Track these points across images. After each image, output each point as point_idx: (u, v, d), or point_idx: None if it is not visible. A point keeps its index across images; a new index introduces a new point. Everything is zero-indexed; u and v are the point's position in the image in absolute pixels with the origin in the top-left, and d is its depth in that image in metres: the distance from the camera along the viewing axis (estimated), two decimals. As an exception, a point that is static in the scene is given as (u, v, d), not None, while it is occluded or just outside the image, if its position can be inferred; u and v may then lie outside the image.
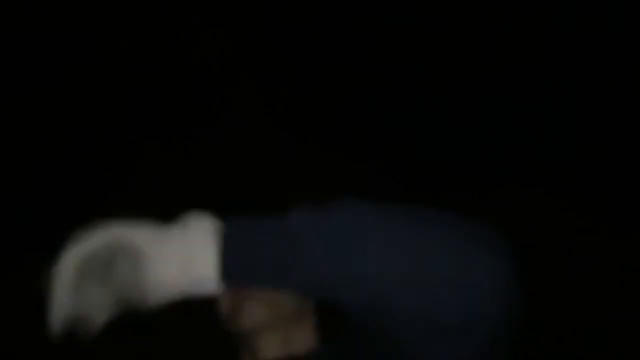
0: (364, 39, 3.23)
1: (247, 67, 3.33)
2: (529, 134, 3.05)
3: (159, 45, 3.20)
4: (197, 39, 3.31)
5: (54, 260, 0.77)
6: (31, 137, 2.96)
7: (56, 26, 3.10)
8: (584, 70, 3.03)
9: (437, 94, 3.13)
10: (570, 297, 2.45)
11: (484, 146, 3.01)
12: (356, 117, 3.13)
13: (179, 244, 0.75)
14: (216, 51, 3.33)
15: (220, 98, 3.22)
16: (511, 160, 2.96)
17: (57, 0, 3.09)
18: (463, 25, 3.19)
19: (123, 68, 3.15)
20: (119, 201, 2.74)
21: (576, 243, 2.66)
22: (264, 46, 3.30)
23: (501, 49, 3.15)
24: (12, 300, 2.44)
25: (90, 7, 3.12)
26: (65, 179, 2.84)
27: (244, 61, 3.33)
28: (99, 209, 2.84)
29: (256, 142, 3.08)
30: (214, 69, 3.28)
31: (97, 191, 2.83)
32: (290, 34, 3.26)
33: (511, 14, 3.14)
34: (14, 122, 2.97)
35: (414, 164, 2.97)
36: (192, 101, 3.18)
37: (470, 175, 2.92)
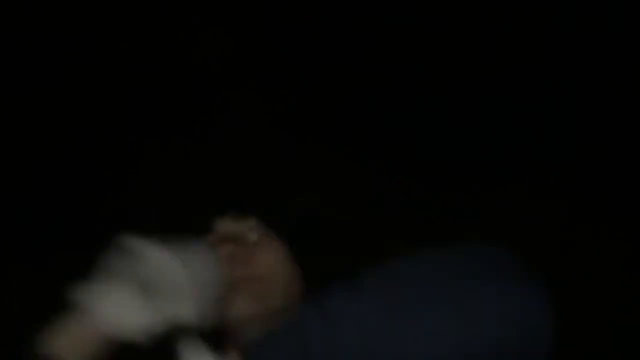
0: (364, 39, 3.23)
1: (247, 67, 3.33)
2: (529, 134, 3.05)
3: (159, 45, 3.20)
4: (197, 39, 3.31)
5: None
6: (31, 137, 2.96)
7: (56, 26, 3.10)
8: (584, 70, 3.03)
9: (437, 94, 3.13)
10: (570, 297, 2.45)
11: (484, 146, 3.00)
12: (356, 117, 3.13)
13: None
14: (216, 51, 3.33)
15: (220, 98, 3.22)
16: (511, 160, 2.96)
17: (57, 0, 3.09)
18: (463, 25, 3.19)
19: (123, 68, 3.15)
20: (119, 201, 2.75)
21: (576, 243, 2.66)
22: (264, 46, 3.30)
23: (501, 49, 3.15)
24: (12, 299, 2.44)
25: (90, 7, 3.12)
26: (65, 179, 2.84)
27: (244, 61, 3.33)
28: (99, 209, 2.85)
29: (256, 142, 3.08)
30: (214, 69, 3.28)
31: (97, 191, 2.83)
32: (290, 34, 3.26)
33: (511, 14, 3.14)
34: (14, 122, 2.97)
35: (414, 164, 2.97)
36: (192, 101, 3.18)
37: (470, 175, 2.91)
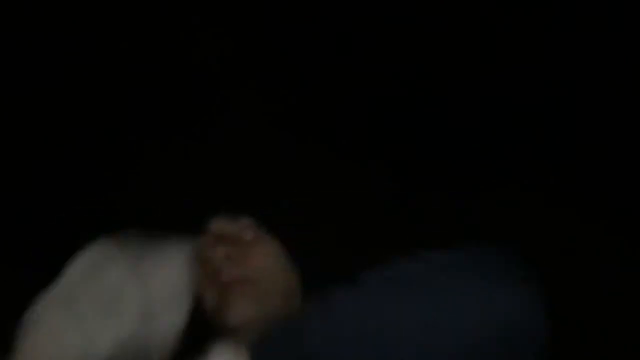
0: (364, 39, 3.23)
1: (247, 67, 3.32)
2: (530, 135, 3.05)
3: (159, 45, 3.20)
4: (197, 39, 3.31)
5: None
6: (31, 137, 2.96)
7: (56, 26, 3.10)
8: (584, 70, 3.03)
9: (437, 94, 3.13)
10: (570, 298, 2.45)
11: (484, 146, 3.00)
12: (356, 117, 3.13)
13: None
14: (216, 51, 3.33)
15: (220, 98, 3.22)
16: (512, 160, 2.96)
17: (57, 0, 3.09)
18: (463, 25, 3.19)
19: (123, 68, 3.15)
20: (118, 201, 2.74)
21: (576, 243, 2.66)
22: (264, 46, 3.30)
23: (501, 49, 3.15)
24: (12, 300, 2.44)
25: (90, 7, 3.12)
26: (65, 179, 2.83)
27: (244, 61, 3.33)
28: (98, 208, 2.85)
29: (256, 142, 3.07)
30: (213, 69, 3.28)
31: (97, 191, 2.83)
32: (290, 34, 3.26)
33: (511, 14, 3.14)
34: (14, 122, 2.96)
35: (414, 164, 2.96)
36: (192, 101, 3.18)
37: (470, 175, 2.91)
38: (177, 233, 1.06)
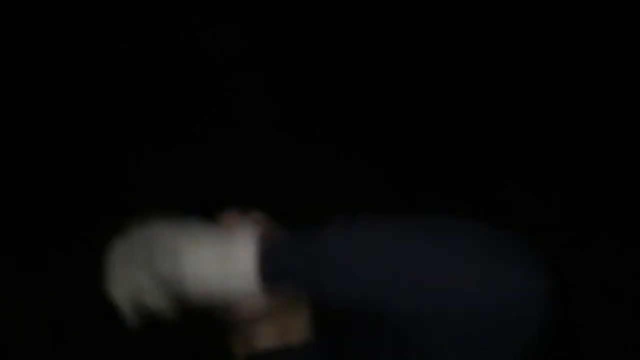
0: (364, 39, 3.23)
1: (248, 67, 3.33)
2: (530, 135, 3.05)
3: (160, 46, 3.21)
4: (197, 39, 3.31)
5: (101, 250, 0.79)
6: (31, 137, 2.96)
7: (56, 26, 3.10)
8: (584, 71, 3.03)
9: (437, 94, 3.13)
10: (570, 298, 2.45)
11: (484, 146, 3.00)
12: (356, 117, 3.13)
13: (219, 244, 0.78)
14: (217, 51, 3.33)
15: (221, 98, 3.22)
16: (512, 160, 2.96)
17: (57, 0, 3.09)
18: (463, 25, 3.19)
19: (124, 68, 3.16)
20: (118, 201, 2.74)
21: (575, 244, 2.66)
22: (265, 47, 3.30)
23: (501, 49, 3.15)
24: (13, 296, 2.45)
25: (90, 7, 3.12)
26: (65, 179, 2.84)
27: (244, 61, 3.33)
28: (98, 208, 2.85)
29: (256, 142, 3.08)
30: (214, 70, 3.29)
31: (97, 191, 2.83)
32: (291, 34, 3.26)
33: (511, 14, 3.14)
34: (14, 122, 2.97)
35: (414, 163, 2.97)
36: (192, 101, 3.18)
37: (470, 175, 2.92)
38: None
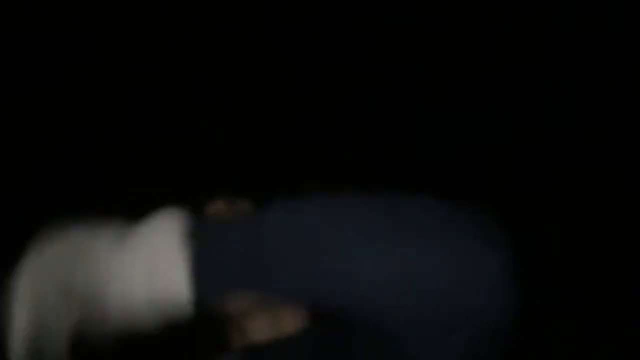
0: (364, 39, 3.23)
1: (248, 67, 3.33)
2: (529, 135, 3.05)
3: (160, 46, 3.21)
4: (197, 39, 3.31)
5: (10, 271, 0.70)
6: (31, 137, 2.96)
7: (56, 26, 3.10)
8: (584, 71, 3.03)
9: (437, 94, 3.13)
10: (567, 298, 2.45)
11: (484, 146, 3.01)
12: (356, 117, 3.14)
13: (145, 248, 0.69)
14: (217, 51, 3.33)
15: (221, 98, 3.22)
16: (511, 161, 2.96)
17: (57, 0, 3.09)
18: (463, 25, 3.19)
19: (123, 68, 3.16)
20: (118, 201, 2.74)
21: (574, 245, 2.66)
22: (265, 46, 3.30)
23: (501, 49, 3.15)
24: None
25: (90, 7, 3.12)
26: (65, 179, 2.84)
27: (244, 61, 3.33)
28: (98, 208, 2.84)
29: (256, 142, 3.08)
30: (214, 69, 3.29)
31: (97, 191, 2.83)
32: (291, 34, 3.26)
33: (511, 14, 3.14)
34: (14, 122, 2.97)
35: (414, 163, 2.97)
36: (192, 101, 3.18)
37: (469, 175, 2.92)
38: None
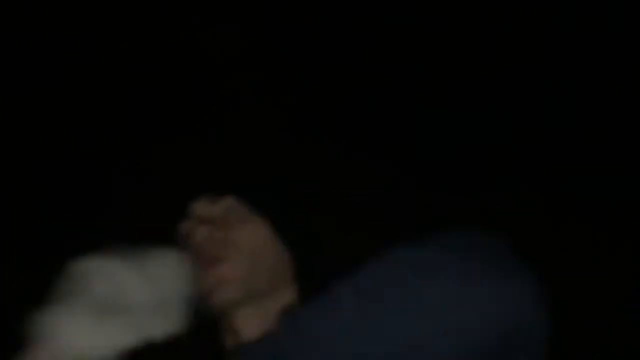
0: (364, 39, 3.23)
1: (248, 67, 3.33)
2: (529, 135, 3.05)
3: (160, 46, 3.21)
4: (197, 39, 3.31)
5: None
6: (31, 137, 2.96)
7: (56, 26, 3.10)
8: (584, 71, 3.03)
9: (437, 94, 3.13)
10: (566, 299, 2.45)
11: (484, 147, 3.01)
12: (357, 117, 3.14)
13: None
14: (217, 51, 3.33)
15: (221, 98, 3.22)
16: (510, 162, 2.97)
17: (57, 0, 3.09)
18: (463, 25, 3.19)
19: (123, 68, 3.15)
20: (118, 201, 2.75)
21: (573, 246, 2.66)
22: (265, 47, 3.30)
23: (501, 49, 3.15)
24: (12, 298, 2.45)
25: (90, 7, 3.12)
26: (64, 179, 2.84)
27: (244, 61, 3.33)
28: (98, 208, 2.84)
29: (256, 142, 3.08)
30: (214, 69, 3.29)
31: (96, 191, 2.83)
32: (291, 34, 3.26)
33: (511, 14, 3.14)
34: (14, 122, 2.97)
35: (414, 164, 2.97)
36: (192, 101, 3.18)
37: (469, 175, 2.92)
38: (174, 232, 1.05)
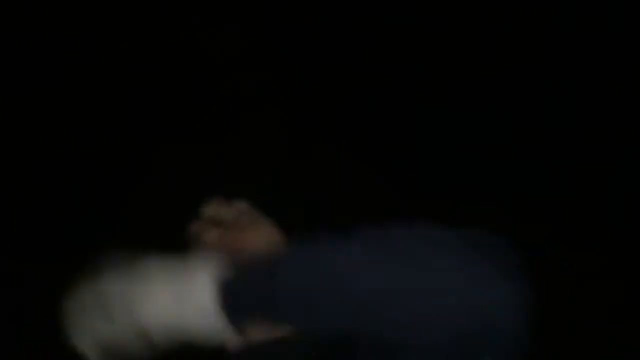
0: (364, 39, 3.23)
1: (248, 67, 3.33)
2: (529, 135, 3.05)
3: (160, 46, 3.21)
4: (197, 39, 3.31)
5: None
6: (32, 137, 2.96)
7: (56, 26, 3.10)
8: (584, 71, 3.03)
9: (437, 94, 3.13)
10: (565, 300, 2.45)
11: (484, 147, 3.01)
12: (356, 118, 3.14)
13: (176, 285, 0.77)
14: (217, 51, 3.33)
15: (221, 98, 3.22)
16: (510, 163, 2.97)
17: (57, 0, 3.09)
18: (463, 25, 3.19)
19: (125, 68, 3.15)
20: (118, 201, 2.75)
21: (572, 247, 2.66)
22: (265, 47, 3.30)
23: (501, 49, 3.15)
24: (12, 298, 2.45)
25: (90, 7, 3.12)
26: (66, 180, 2.84)
27: (244, 61, 3.33)
28: (99, 208, 2.84)
29: (256, 142, 3.08)
30: (215, 70, 3.29)
31: (97, 191, 2.83)
32: (291, 34, 3.26)
33: (511, 14, 3.14)
34: (14, 122, 2.97)
35: (414, 164, 2.97)
36: (192, 101, 3.18)
37: (469, 175, 2.92)
38: (177, 234, 1.05)
